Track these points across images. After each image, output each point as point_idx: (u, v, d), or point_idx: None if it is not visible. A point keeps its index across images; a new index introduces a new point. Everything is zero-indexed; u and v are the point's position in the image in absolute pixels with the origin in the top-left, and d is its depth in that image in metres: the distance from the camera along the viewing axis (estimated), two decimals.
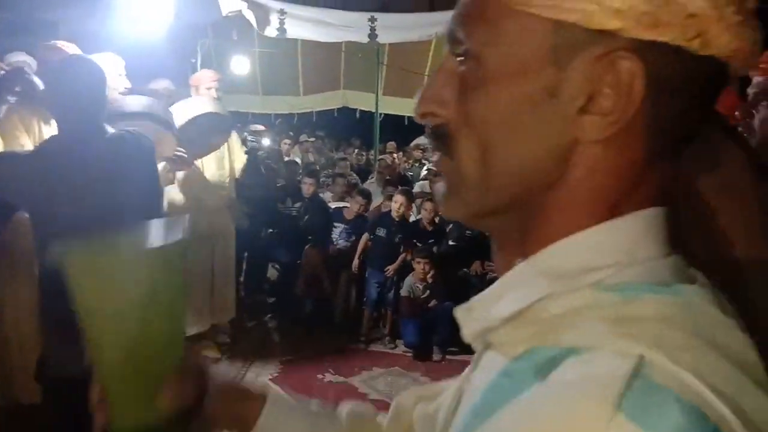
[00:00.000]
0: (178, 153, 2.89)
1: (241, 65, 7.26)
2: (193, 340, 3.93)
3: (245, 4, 5.04)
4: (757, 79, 1.44)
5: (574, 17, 0.41)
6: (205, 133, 2.85)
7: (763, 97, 1.42)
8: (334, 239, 5.14)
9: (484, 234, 0.53)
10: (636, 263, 0.43)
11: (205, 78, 3.99)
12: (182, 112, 3.02)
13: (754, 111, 1.44)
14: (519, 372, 0.42)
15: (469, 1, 0.47)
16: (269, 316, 5.10)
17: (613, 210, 0.45)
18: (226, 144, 3.80)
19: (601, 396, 0.35)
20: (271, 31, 5.26)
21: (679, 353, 0.37)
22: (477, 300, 0.49)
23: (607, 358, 0.37)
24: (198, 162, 3.59)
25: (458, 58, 0.48)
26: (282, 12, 5.24)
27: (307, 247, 5.04)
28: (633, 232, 0.44)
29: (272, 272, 5.71)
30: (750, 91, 1.47)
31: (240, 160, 4.29)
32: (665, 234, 0.46)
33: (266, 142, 6.37)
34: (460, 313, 0.49)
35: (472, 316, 0.48)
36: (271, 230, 5.57)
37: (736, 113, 1.52)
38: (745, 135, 1.44)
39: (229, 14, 5.04)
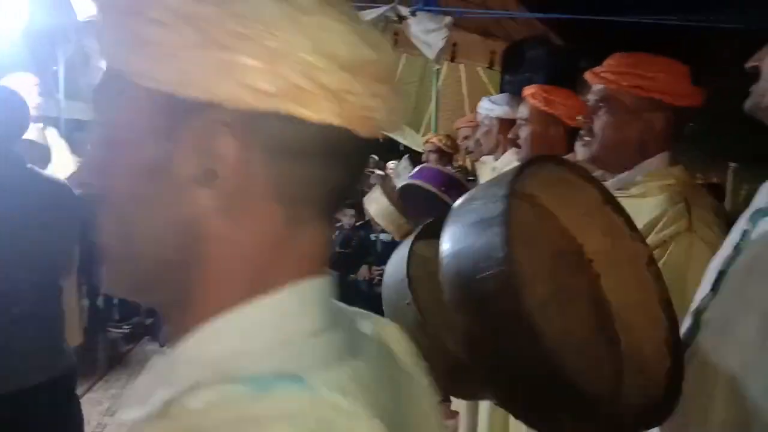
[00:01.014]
0: None
1: None
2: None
3: None
4: (597, 86, 1.47)
5: (168, 88, 0.39)
6: None
7: (603, 104, 1.46)
8: None
9: (369, 239, 0.46)
10: (285, 345, 0.40)
11: (22, 83, 3.32)
12: None
13: (594, 116, 1.47)
14: None
15: (101, 69, 0.44)
16: (147, 338, 4.82)
17: (260, 285, 0.41)
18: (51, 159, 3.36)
19: None
20: None
21: None
22: (129, 394, 0.43)
23: None
24: None
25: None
26: None
27: None
28: (281, 310, 0.41)
29: None
30: (590, 97, 1.50)
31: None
32: (321, 306, 0.43)
33: None
34: (120, 412, 0.44)
35: (126, 414, 0.42)
36: None
37: (578, 117, 1.56)
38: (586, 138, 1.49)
39: (88, 19, 4.70)
